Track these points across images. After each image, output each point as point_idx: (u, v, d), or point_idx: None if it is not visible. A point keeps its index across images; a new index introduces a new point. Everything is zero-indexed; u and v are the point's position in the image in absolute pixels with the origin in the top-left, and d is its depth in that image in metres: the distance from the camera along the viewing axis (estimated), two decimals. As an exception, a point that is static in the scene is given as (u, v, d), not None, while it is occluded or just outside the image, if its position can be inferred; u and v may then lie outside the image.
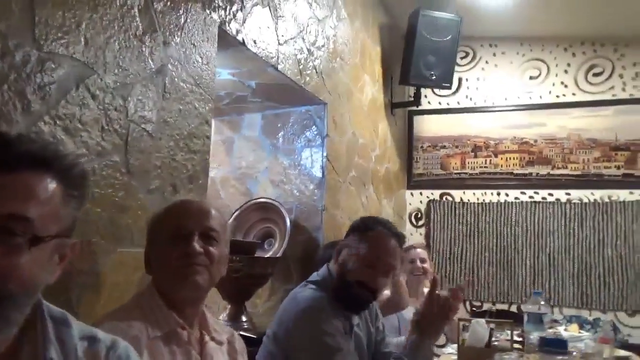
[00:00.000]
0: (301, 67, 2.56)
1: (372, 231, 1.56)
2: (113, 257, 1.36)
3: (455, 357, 2.22)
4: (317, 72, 2.72)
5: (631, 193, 3.74)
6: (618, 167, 3.80)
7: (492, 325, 2.25)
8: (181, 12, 1.66)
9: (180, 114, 1.67)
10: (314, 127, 2.85)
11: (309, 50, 2.63)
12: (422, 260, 2.87)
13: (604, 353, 2.43)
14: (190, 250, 1.11)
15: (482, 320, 2.23)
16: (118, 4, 1.41)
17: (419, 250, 2.95)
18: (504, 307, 3.94)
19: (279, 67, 2.35)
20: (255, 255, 2.49)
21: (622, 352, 2.63)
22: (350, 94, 3.18)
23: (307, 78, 2.63)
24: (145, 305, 1.11)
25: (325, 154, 2.81)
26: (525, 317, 2.18)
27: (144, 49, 1.50)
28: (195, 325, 1.17)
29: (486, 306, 3.99)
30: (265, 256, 2.53)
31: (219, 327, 1.26)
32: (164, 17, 1.58)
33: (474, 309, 4.00)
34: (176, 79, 1.65)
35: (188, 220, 1.16)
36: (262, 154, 2.99)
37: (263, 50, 2.20)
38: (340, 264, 1.55)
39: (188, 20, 1.69)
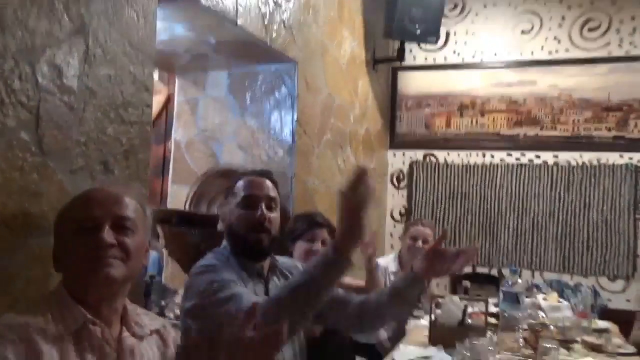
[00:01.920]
0: (266, 21, 2.31)
1: (238, 182, 1.51)
2: (25, 250, 1.19)
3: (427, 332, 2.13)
4: (285, 27, 2.46)
5: (621, 156, 3.59)
6: (609, 129, 3.62)
7: (467, 303, 2.14)
8: (107, -43, 1.41)
9: (110, 81, 1.45)
10: (283, 87, 2.63)
11: (275, 2, 2.37)
12: (425, 241, 2.70)
13: (582, 328, 2.36)
14: (99, 243, 0.99)
15: (456, 298, 2.12)
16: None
17: (425, 229, 2.75)
18: (485, 270, 3.87)
19: (239, 21, 2.10)
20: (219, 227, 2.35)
21: (601, 324, 2.56)
22: (325, 51, 2.93)
23: (274, 34, 2.38)
24: (52, 302, 1.01)
25: (295, 117, 2.60)
26: (501, 296, 2.07)
27: (56, 4, 1.27)
28: (114, 321, 1.07)
29: (468, 269, 3.92)
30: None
31: (147, 319, 1.15)
32: (83, -36, 1.34)
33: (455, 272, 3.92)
34: (103, 40, 1.42)
35: (96, 209, 1.03)
36: (229, 116, 2.78)
37: (217, 2, 1.94)
38: (227, 227, 1.48)
39: (117, -33, 1.44)
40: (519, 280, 2.07)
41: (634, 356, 2.08)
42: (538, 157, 3.78)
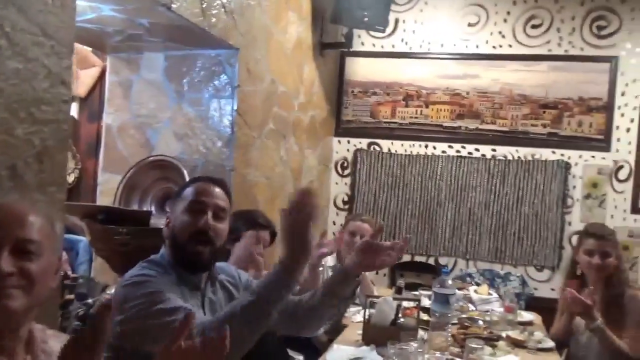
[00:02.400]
0: (204, 5, 2.17)
1: (188, 187, 1.44)
2: None
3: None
4: (226, 12, 2.33)
5: (553, 152, 3.74)
6: (544, 126, 3.76)
7: (399, 303, 2.18)
8: None
9: (19, 76, 1.31)
10: (223, 75, 2.50)
11: (215, -16, 2.23)
12: (363, 237, 2.67)
13: (508, 321, 2.48)
14: None
15: (390, 299, 2.15)
16: None
17: (363, 224, 2.69)
18: (423, 259, 3.98)
19: (173, 6, 1.96)
20: (151, 223, 2.23)
21: (526, 316, 2.70)
22: (269, 36, 2.82)
23: (213, 19, 2.24)
24: None
25: (235, 107, 2.50)
26: (432, 297, 2.11)
27: (-52, -11, 1.11)
28: (18, 351, 0.97)
29: (406, 258, 4.01)
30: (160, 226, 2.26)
31: (57, 343, 1.06)
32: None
33: (394, 260, 4.00)
34: (9, 29, 1.27)
35: None
36: (165, 101, 2.63)
37: (148, -15, 1.79)
38: (169, 231, 1.41)
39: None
40: (450, 282, 2.12)
41: (552, 352, 2.20)
42: (477, 150, 3.87)
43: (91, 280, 2.70)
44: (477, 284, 3.60)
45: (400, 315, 2.14)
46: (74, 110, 3.14)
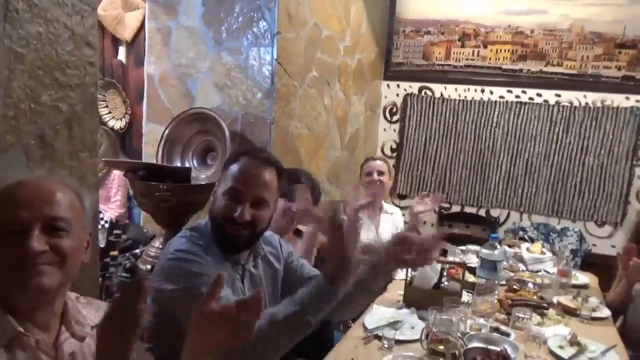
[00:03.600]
0: (239, -54, 2.00)
1: (233, 163, 1.34)
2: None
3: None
4: (263, -49, 2.15)
5: (627, 98, 3.37)
6: (619, 68, 3.36)
7: (445, 266, 2.09)
8: None
9: (40, 40, 1.24)
10: (262, 21, 2.36)
11: None
12: (380, 173, 2.61)
13: (561, 284, 2.34)
14: (27, 251, 0.89)
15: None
16: None
17: (377, 162, 2.67)
18: (473, 210, 3.82)
19: (205, -51, 1.81)
20: (192, 177, 2.23)
21: (581, 278, 2.54)
22: (312, -25, 2.61)
23: (250, -40, 2.08)
24: None
25: (275, 56, 2.37)
26: (479, 263, 2.00)
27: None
28: (52, 324, 0.99)
29: (455, 208, 3.88)
30: (200, 182, 2.26)
31: (92, 311, 1.08)
32: None
33: (443, 210, 3.89)
34: (27, -10, 1.19)
35: (22, 210, 0.90)
36: (204, 50, 2.53)
37: None
38: (211, 206, 1.36)
39: None
40: (499, 247, 2.00)
41: (607, 321, 2.07)
42: (539, 95, 3.55)
43: (139, 227, 2.78)
44: (531, 239, 3.44)
45: (444, 277, 2.06)
46: (122, 54, 3.10)
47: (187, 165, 2.34)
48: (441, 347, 1.57)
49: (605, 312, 2.12)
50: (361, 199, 1.90)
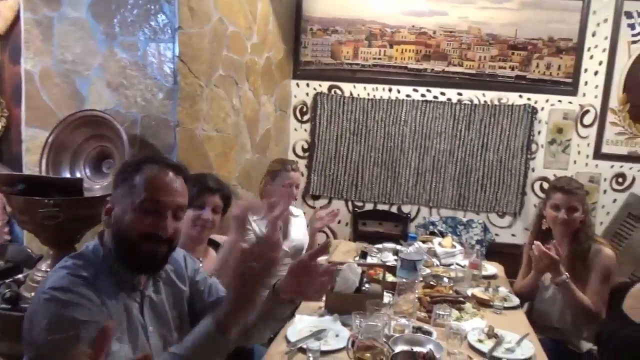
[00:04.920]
0: None
1: (140, 172, 1.17)
2: None
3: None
4: (159, -64, 1.95)
5: (520, 96, 3.60)
6: (512, 68, 3.58)
7: (364, 269, 2.05)
8: None
9: None
10: (161, 15, 2.15)
11: None
12: (297, 186, 2.53)
13: (473, 276, 2.42)
14: None
15: (354, 265, 2.01)
16: None
17: (297, 174, 2.55)
18: (385, 207, 3.88)
19: None
20: (85, 188, 1.96)
21: (490, 269, 2.65)
22: (215, -34, 2.44)
23: (143, -55, 1.87)
24: None
25: (177, 53, 2.17)
26: (399, 263, 1.98)
27: None
28: None
29: (368, 206, 3.90)
30: (95, 193, 2.00)
31: None
32: None
33: (356, 209, 3.90)
34: None
35: None
36: (93, 45, 2.26)
37: None
38: (113, 222, 1.16)
39: None
40: (417, 245, 1.99)
41: (517, 310, 2.16)
42: (443, 94, 3.69)
43: (22, 248, 2.43)
44: (441, 233, 3.55)
45: (365, 280, 2.02)
46: (-5, 49, 2.71)
47: (77, 175, 2.06)
48: (368, 354, 1.52)
49: (515, 301, 2.21)
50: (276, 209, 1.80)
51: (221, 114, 2.65)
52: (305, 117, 3.91)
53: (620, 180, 3.57)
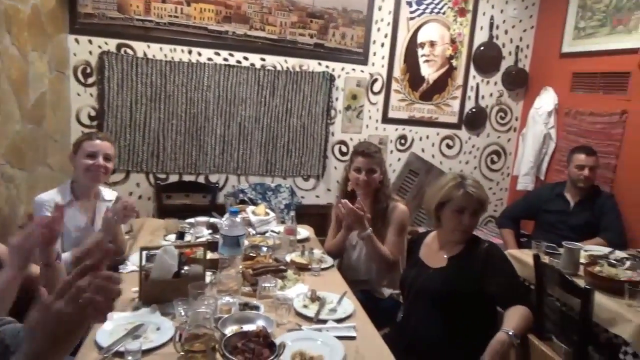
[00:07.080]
0: None
1: None
2: None
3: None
4: None
5: (319, 64, 3.73)
6: (311, 36, 3.67)
7: (183, 250, 1.86)
8: None
9: None
10: None
11: None
12: (106, 158, 2.17)
13: (290, 242, 2.45)
14: None
15: (170, 247, 1.80)
16: None
17: (106, 143, 2.22)
18: (192, 178, 3.66)
19: None
20: None
21: (303, 232, 2.72)
22: None
23: None
24: None
25: None
26: (221, 240, 1.86)
27: None
28: None
29: (173, 178, 3.62)
30: None
31: None
32: None
33: (159, 182, 3.58)
34: None
35: None
36: None
37: None
38: None
39: None
40: (238, 220, 1.90)
41: (333, 268, 2.27)
42: (246, 58, 3.58)
43: None
44: (252, 201, 3.53)
45: (184, 262, 1.84)
46: None
47: None
48: (198, 343, 1.38)
49: (330, 261, 2.33)
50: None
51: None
52: (90, 80, 3.36)
53: (402, 141, 4.05)
